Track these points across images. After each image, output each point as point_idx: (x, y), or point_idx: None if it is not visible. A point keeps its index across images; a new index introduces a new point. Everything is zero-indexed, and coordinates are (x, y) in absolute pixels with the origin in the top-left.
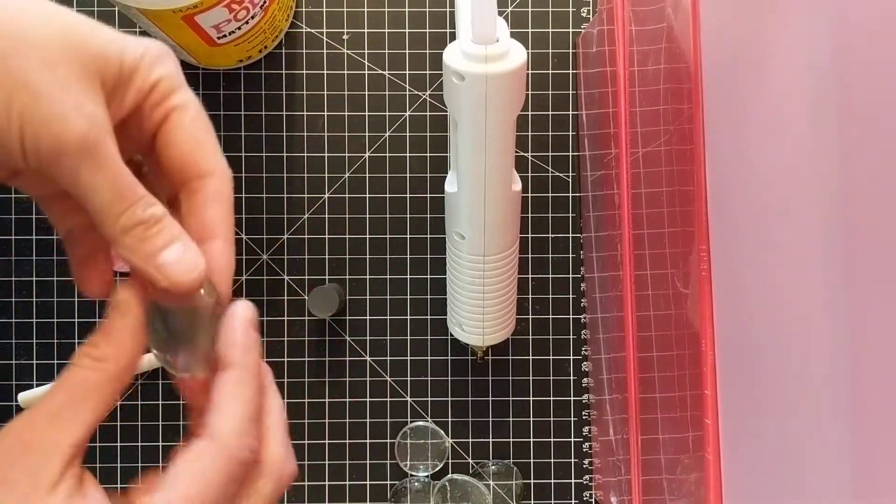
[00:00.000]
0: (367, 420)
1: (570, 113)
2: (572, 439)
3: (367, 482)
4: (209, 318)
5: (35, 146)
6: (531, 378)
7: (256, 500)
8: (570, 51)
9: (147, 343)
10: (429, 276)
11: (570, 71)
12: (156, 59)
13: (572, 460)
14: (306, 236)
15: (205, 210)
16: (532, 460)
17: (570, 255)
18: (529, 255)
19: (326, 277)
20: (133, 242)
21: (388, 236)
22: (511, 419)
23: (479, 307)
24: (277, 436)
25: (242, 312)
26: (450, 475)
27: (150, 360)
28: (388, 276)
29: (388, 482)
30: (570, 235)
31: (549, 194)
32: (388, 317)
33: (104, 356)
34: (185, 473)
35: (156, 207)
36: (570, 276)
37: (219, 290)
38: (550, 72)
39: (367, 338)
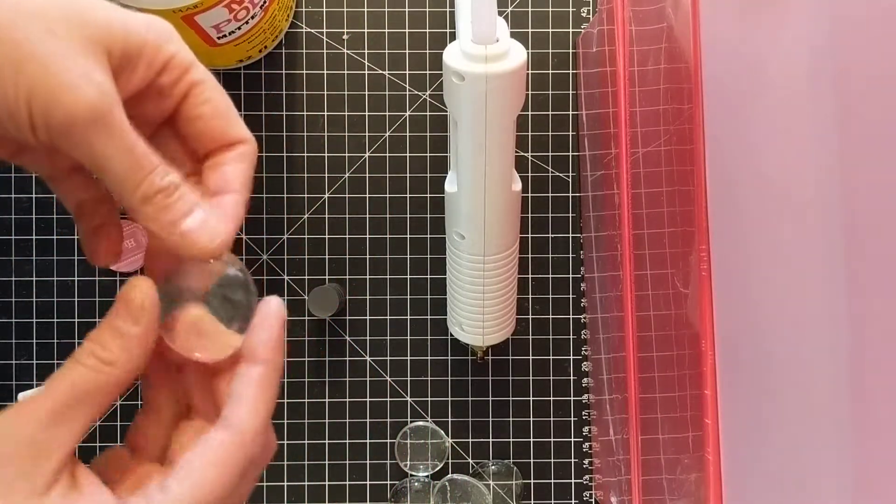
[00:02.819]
0: (367, 420)
1: (570, 113)
2: (572, 439)
3: (367, 482)
4: (235, 291)
5: (45, 118)
6: (531, 378)
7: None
8: (570, 51)
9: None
10: (429, 276)
11: (570, 71)
12: (164, 36)
13: (572, 460)
14: (306, 236)
15: (226, 167)
16: (532, 460)
17: (570, 255)
18: (529, 255)
19: (326, 277)
20: (154, 211)
21: (388, 236)
22: (511, 419)
23: (479, 307)
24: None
25: (277, 310)
26: (450, 475)
27: None
28: (388, 276)
29: (388, 482)
30: (570, 235)
31: (549, 194)
32: (388, 317)
33: (113, 360)
34: (202, 462)
35: (173, 175)
36: (570, 276)
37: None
38: (550, 72)
39: (367, 338)
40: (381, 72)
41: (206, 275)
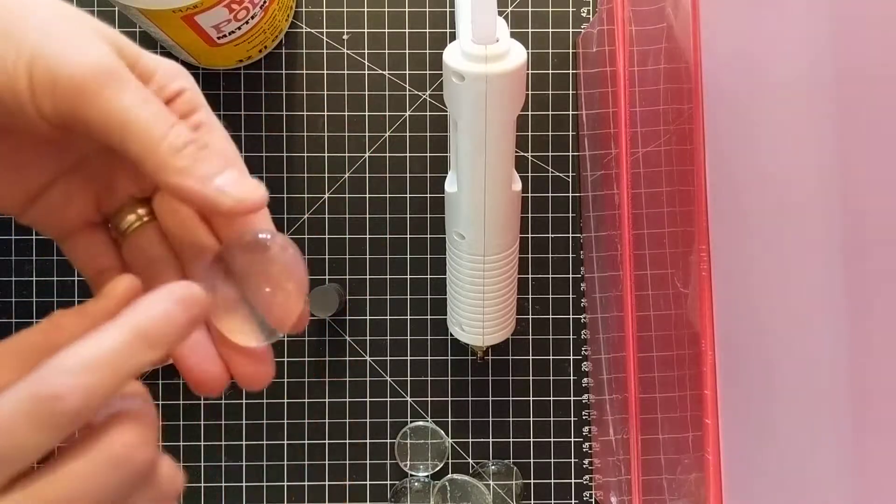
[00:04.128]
0: (367, 420)
1: (570, 113)
2: (572, 439)
3: (367, 482)
4: (276, 262)
5: (50, 83)
6: (531, 378)
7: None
8: (570, 51)
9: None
10: (429, 276)
11: (570, 71)
12: (177, 69)
13: (572, 460)
14: (306, 236)
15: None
16: (532, 460)
17: (570, 255)
18: (529, 255)
19: (326, 277)
20: (188, 164)
21: (388, 236)
22: (511, 419)
23: (479, 307)
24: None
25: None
26: (450, 475)
27: None
28: (388, 276)
29: (388, 482)
30: (570, 235)
31: (549, 194)
32: (388, 317)
33: (62, 325)
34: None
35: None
36: (570, 276)
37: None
38: (550, 72)
39: (367, 338)
40: (381, 72)
41: (249, 258)
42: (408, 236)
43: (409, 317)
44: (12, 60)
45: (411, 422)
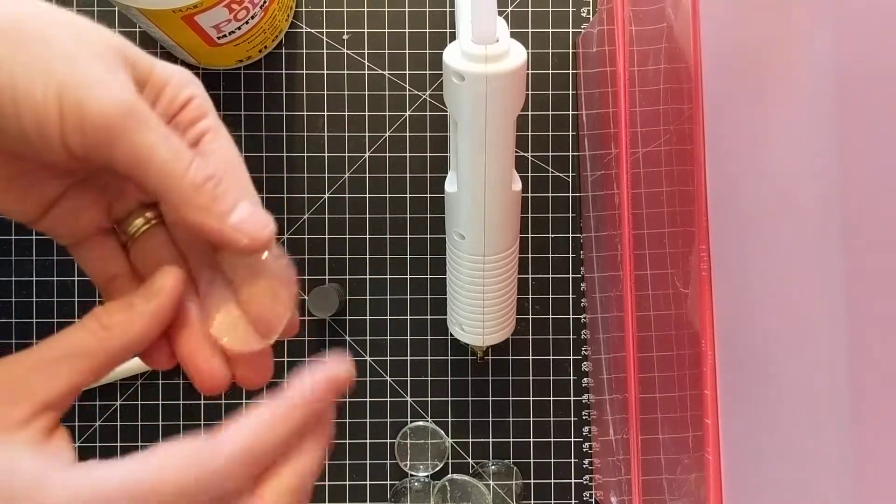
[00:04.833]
0: (367, 420)
1: (570, 113)
2: (572, 439)
3: (367, 482)
4: (280, 279)
5: (78, 117)
6: (531, 378)
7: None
8: (570, 51)
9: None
10: (429, 276)
11: (570, 71)
12: (188, 77)
13: (572, 460)
14: (306, 236)
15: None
16: (532, 460)
17: (570, 255)
18: (529, 255)
19: (326, 277)
20: (206, 201)
21: (388, 236)
22: (511, 419)
23: (479, 307)
24: None
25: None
26: (450, 475)
27: (138, 364)
28: (388, 276)
29: (388, 482)
30: (570, 235)
31: (549, 194)
32: (388, 317)
33: (111, 326)
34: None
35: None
36: (570, 276)
37: None
38: (550, 72)
39: (367, 338)
40: (381, 72)
41: (246, 267)
42: (408, 236)
43: (409, 317)
44: (41, 91)
45: (411, 422)
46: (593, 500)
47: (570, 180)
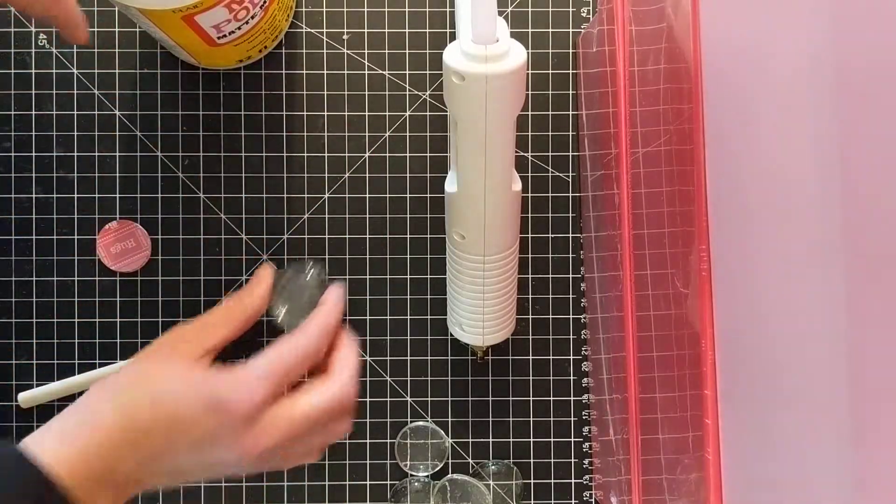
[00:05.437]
0: (367, 420)
1: (570, 113)
2: (572, 439)
3: (367, 482)
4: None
5: None
6: (531, 378)
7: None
8: (570, 51)
9: (268, 305)
10: (429, 276)
11: (570, 71)
12: None
13: (572, 460)
14: (306, 236)
15: None
16: (532, 460)
17: (570, 255)
18: (529, 255)
19: (326, 277)
20: None
21: (388, 236)
22: (511, 419)
23: (479, 307)
24: None
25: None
26: (450, 475)
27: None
28: (388, 276)
29: (388, 482)
30: (570, 235)
31: (549, 194)
32: (388, 317)
33: (242, 300)
34: (322, 386)
35: None
36: (570, 276)
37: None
38: (550, 72)
39: (367, 338)
40: (381, 72)
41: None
42: (408, 236)
43: (409, 317)
44: None
45: (411, 422)
46: (593, 500)
47: (570, 180)
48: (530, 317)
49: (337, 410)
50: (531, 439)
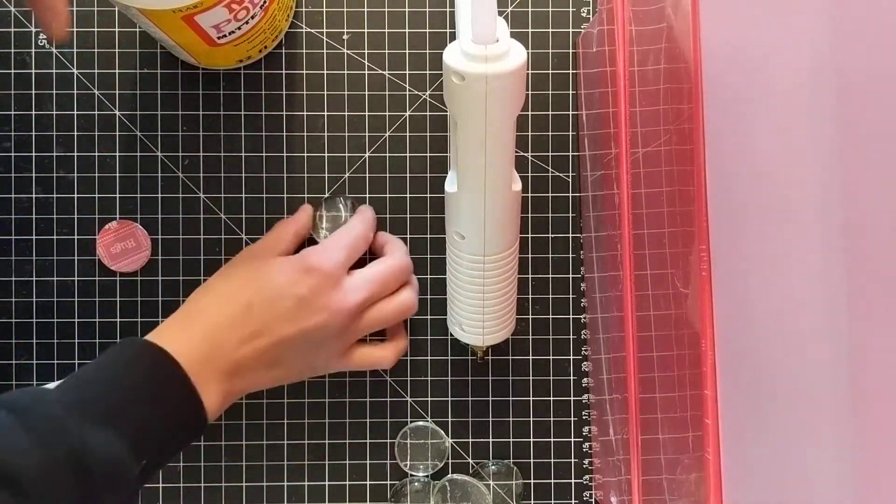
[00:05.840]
0: (367, 420)
1: (570, 113)
2: (572, 439)
3: (367, 482)
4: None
5: None
6: (531, 378)
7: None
8: (570, 51)
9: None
10: (429, 276)
11: (570, 71)
12: None
13: (572, 460)
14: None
15: None
16: (532, 460)
17: (570, 255)
18: (529, 255)
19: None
20: None
21: None
22: (511, 419)
23: (479, 307)
24: None
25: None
26: (450, 475)
27: None
28: None
29: (388, 482)
30: (570, 235)
31: (549, 194)
32: None
33: (288, 225)
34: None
35: None
36: (570, 276)
37: None
38: (550, 72)
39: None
40: (381, 72)
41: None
42: (408, 236)
43: (409, 317)
44: None
45: (411, 422)
46: (593, 500)
47: (570, 180)
48: (530, 317)
49: (398, 272)
50: (531, 439)
